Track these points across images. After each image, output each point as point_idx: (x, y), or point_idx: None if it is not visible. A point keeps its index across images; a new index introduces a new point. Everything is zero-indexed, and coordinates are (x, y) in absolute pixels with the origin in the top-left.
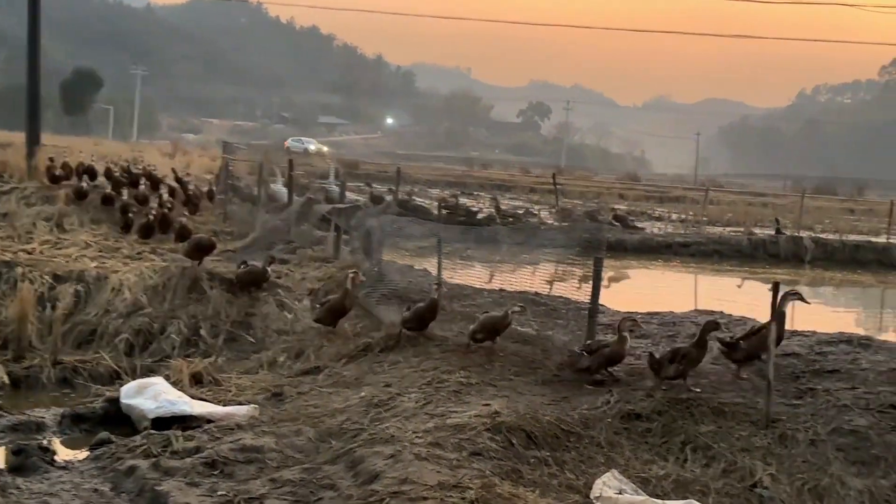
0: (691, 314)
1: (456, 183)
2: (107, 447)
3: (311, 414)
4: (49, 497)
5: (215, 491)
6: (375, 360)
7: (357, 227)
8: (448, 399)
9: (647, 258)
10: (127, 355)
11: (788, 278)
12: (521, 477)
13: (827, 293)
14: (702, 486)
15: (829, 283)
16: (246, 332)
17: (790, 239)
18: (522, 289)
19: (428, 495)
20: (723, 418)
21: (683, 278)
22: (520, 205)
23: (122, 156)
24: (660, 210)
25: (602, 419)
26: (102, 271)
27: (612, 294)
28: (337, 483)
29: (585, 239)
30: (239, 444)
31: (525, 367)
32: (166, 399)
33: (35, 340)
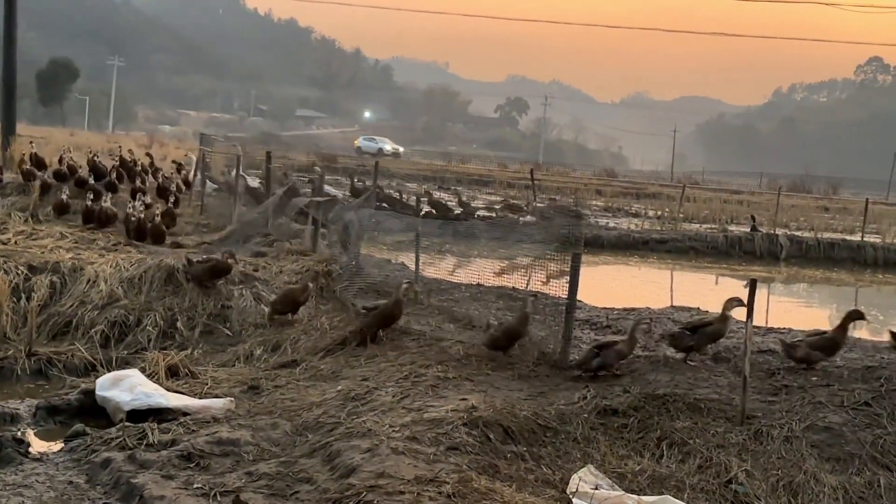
0: (668, 310)
1: (433, 178)
2: (82, 439)
3: (287, 407)
4: (23, 489)
5: (191, 484)
6: (352, 353)
7: (335, 220)
8: (425, 393)
9: (623, 254)
10: (102, 347)
11: (764, 275)
12: (497, 472)
13: (802, 290)
14: (677, 482)
15: (804, 280)
16: (223, 325)
17: (766, 236)
18: (500, 284)
19: (405, 489)
20: (699, 414)
21: (660, 275)
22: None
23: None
24: (636, 206)
25: (579, 414)
26: (78, 262)
27: (590, 290)
28: (314, 476)
29: (563, 234)
30: (215, 436)
31: (502, 362)
32: (142, 391)
33: (9, 331)
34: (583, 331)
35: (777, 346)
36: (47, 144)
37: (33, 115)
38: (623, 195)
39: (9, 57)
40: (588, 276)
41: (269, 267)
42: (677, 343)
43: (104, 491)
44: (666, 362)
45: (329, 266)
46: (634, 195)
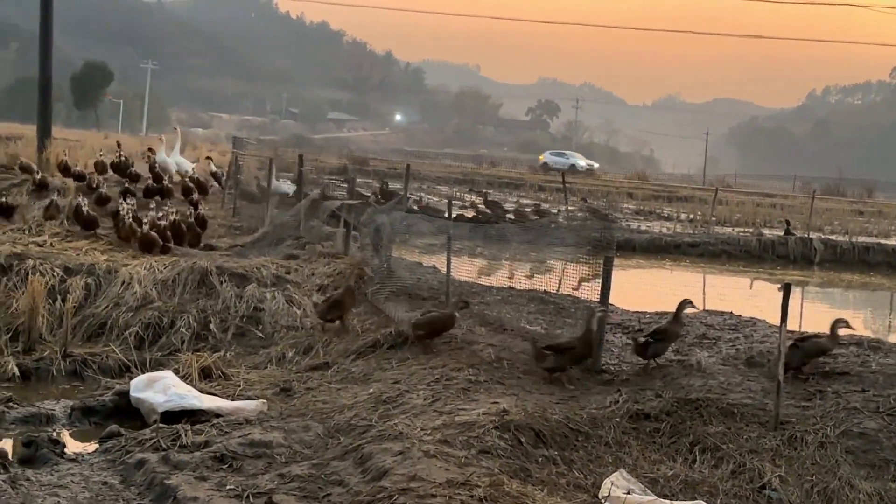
0: (701, 314)
1: (465, 181)
2: (116, 440)
3: (319, 409)
4: (59, 489)
5: (224, 485)
6: (384, 356)
7: (366, 223)
8: (456, 397)
9: (655, 258)
10: (136, 348)
11: (798, 280)
12: (529, 475)
13: (836, 295)
14: (710, 487)
15: (838, 284)
16: (255, 327)
17: (799, 240)
18: (531, 287)
19: (436, 493)
20: (732, 419)
21: (692, 278)
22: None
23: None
24: (668, 209)
25: (610, 419)
26: (112, 265)
27: (622, 293)
28: (345, 479)
29: (595, 238)
30: (247, 438)
31: (534, 366)
32: (175, 393)
33: (45, 333)
34: (615, 335)
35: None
36: (81, 148)
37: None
38: (655, 198)
39: (45, 60)
40: (620, 279)
41: (301, 269)
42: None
43: (138, 492)
44: (699, 367)
45: (361, 269)
46: (666, 198)
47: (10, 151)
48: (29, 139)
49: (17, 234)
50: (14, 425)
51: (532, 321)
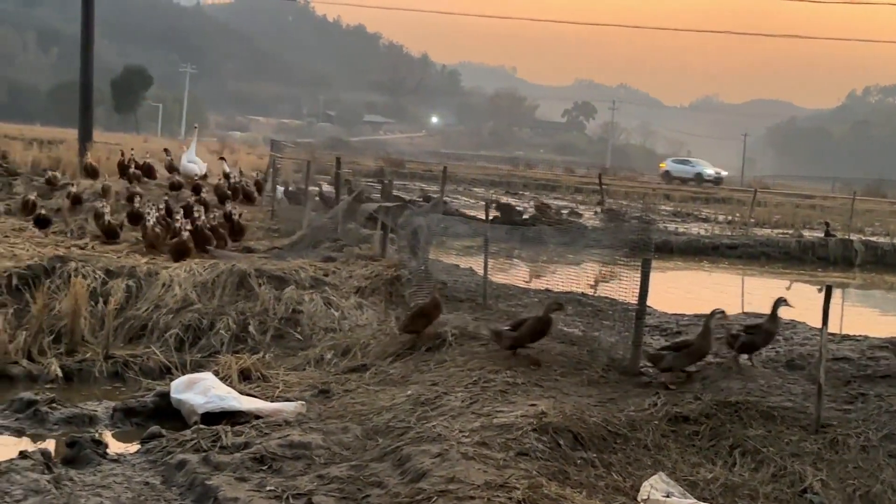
0: (740, 317)
1: (500, 182)
2: (157, 441)
3: (358, 411)
4: (101, 489)
5: (264, 486)
6: (422, 358)
7: (404, 225)
8: (494, 399)
9: (693, 260)
10: (177, 350)
11: (838, 281)
12: (567, 478)
13: (878, 297)
14: (750, 491)
15: (880, 286)
16: (293, 330)
17: (840, 242)
18: (568, 289)
19: (475, 494)
20: (772, 422)
21: (731, 280)
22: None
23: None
24: (706, 211)
25: (649, 421)
26: (153, 267)
27: (659, 295)
28: (384, 480)
29: (632, 240)
30: (287, 440)
31: (571, 368)
32: (215, 394)
33: (87, 335)
34: (652, 337)
35: (852, 354)
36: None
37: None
38: (692, 200)
39: (86, 65)
40: (658, 281)
41: (339, 272)
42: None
43: (179, 492)
44: (738, 369)
45: (398, 271)
46: (704, 200)
47: (52, 155)
48: (70, 143)
49: (59, 237)
50: (57, 426)
51: (569, 323)
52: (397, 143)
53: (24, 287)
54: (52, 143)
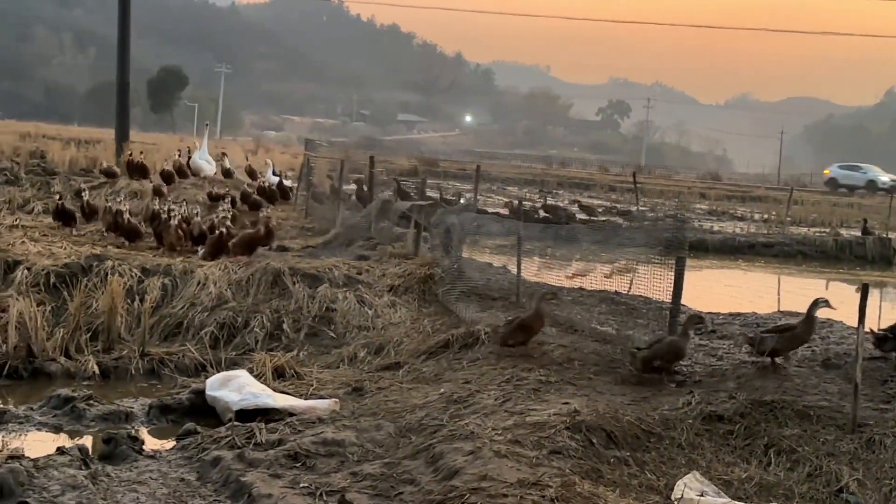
0: (775, 315)
1: (534, 181)
2: (193, 438)
3: (391, 409)
4: (137, 485)
5: (297, 483)
6: (455, 356)
7: (437, 223)
8: (527, 397)
9: (729, 258)
10: (212, 348)
11: (876, 280)
12: (601, 476)
13: None
14: (785, 490)
15: None
16: (327, 328)
17: (878, 240)
18: (602, 287)
19: (508, 492)
20: (808, 422)
21: (767, 279)
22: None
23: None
24: (742, 210)
25: (683, 420)
26: (188, 265)
27: (694, 294)
28: (417, 478)
29: (666, 238)
30: (320, 437)
31: (605, 366)
32: (250, 392)
33: (124, 332)
34: None
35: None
36: (157, 151)
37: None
38: (728, 198)
39: (123, 66)
40: (692, 280)
41: (372, 270)
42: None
43: (214, 488)
44: (774, 368)
45: (431, 269)
46: (740, 198)
47: (90, 155)
48: (107, 143)
49: (97, 235)
50: (94, 422)
51: (603, 322)
52: (431, 142)
53: (61, 285)
54: (89, 143)
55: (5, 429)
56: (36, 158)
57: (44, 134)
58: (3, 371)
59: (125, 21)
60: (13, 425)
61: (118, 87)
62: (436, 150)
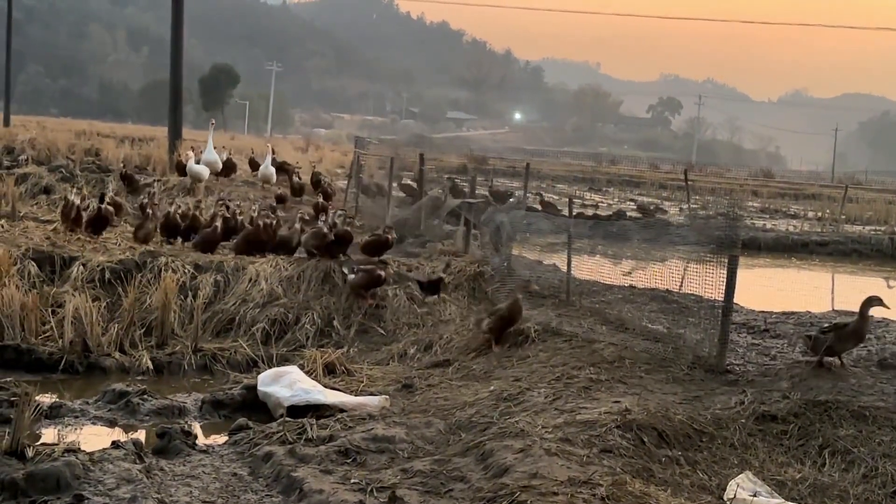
0: (829, 314)
1: (584, 179)
2: (245, 433)
3: (440, 406)
4: (191, 479)
5: (348, 479)
6: (504, 354)
7: (486, 221)
8: (578, 395)
9: (782, 257)
10: (263, 344)
11: None
12: (652, 475)
13: None
14: (840, 492)
15: None
16: (377, 325)
17: None
18: (653, 285)
19: (558, 490)
20: (863, 422)
21: (821, 278)
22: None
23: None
24: (795, 207)
25: (736, 420)
26: (240, 262)
27: (747, 293)
28: (467, 475)
29: (718, 236)
30: (371, 433)
31: (656, 365)
32: (301, 388)
33: (177, 328)
34: (739, 334)
35: None
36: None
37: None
38: (781, 196)
39: (176, 64)
40: (745, 278)
41: (422, 267)
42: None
43: (266, 483)
44: (829, 368)
45: (481, 267)
46: (793, 196)
47: (143, 153)
48: (160, 140)
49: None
50: (148, 417)
51: (654, 320)
52: (480, 139)
53: (116, 281)
54: (142, 141)
55: (61, 422)
56: (91, 156)
57: (98, 132)
58: (59, 366)
59: (178, 19)
60: (69, 419)
61: (171, 86)
62: (485, 147)
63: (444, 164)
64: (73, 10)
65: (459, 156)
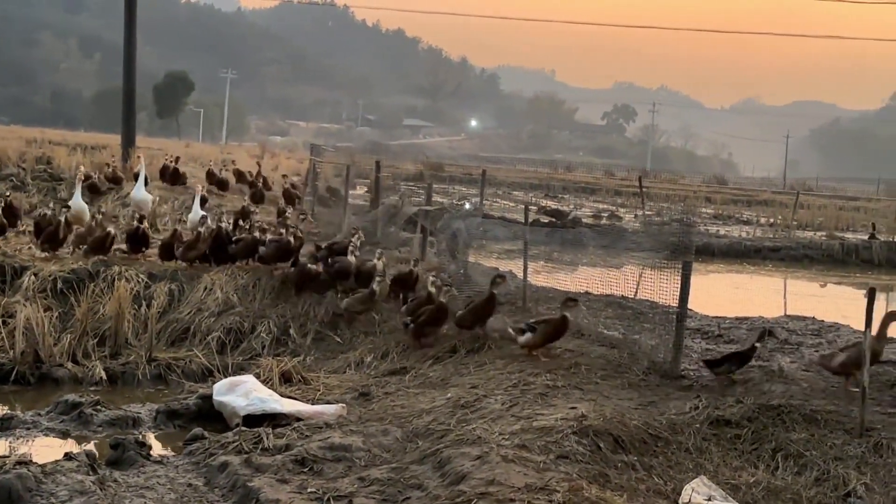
0: (782, 319)
1: (540, 186)
2: (200, 443)
3: (398, 414)
4: (145, 490)
5: (305, 488)
6: (461, 361)
7: (443, 228)
8: (534, 401)
9: (735, 262)
10: (219, 353)
11: (883, 284)
12: (608, 481)
13: None
14: (793, 495)
15: None
16: (333, 333)
17: (885, 244)
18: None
19: (515, 497)
20: (815, 426)
21: (773, 283)
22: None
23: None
24: (748, 214)
25: (690, 424)
26: (195, 270)
27: (701, 298)
28: (424, 483)
29: (673, 242)
30: (327, 442)
31: (612, 370)
32: (257, 397)
33: (131, 338)
34: (694, 340)
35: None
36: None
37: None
38: (734, 202)
39: (129, 71)
40: (699, 284)
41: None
42: None
43: (222, 493)
44: (781, 373)
45: (438, 274)
46: (746, 202)
47: (96, 160)
48: (113, 148)
49: None
50: (102, 428)
51: (609, 326)
52: (437, 146)
53: (68, 291)
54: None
55: (13, 434)
56: (42, 164)
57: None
58: (10, 377)
59: (131, 26)
60: (21, 431)
61: (124, 93)
62: (441, 154)
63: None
64: (23, 18)
65: (415, 163)
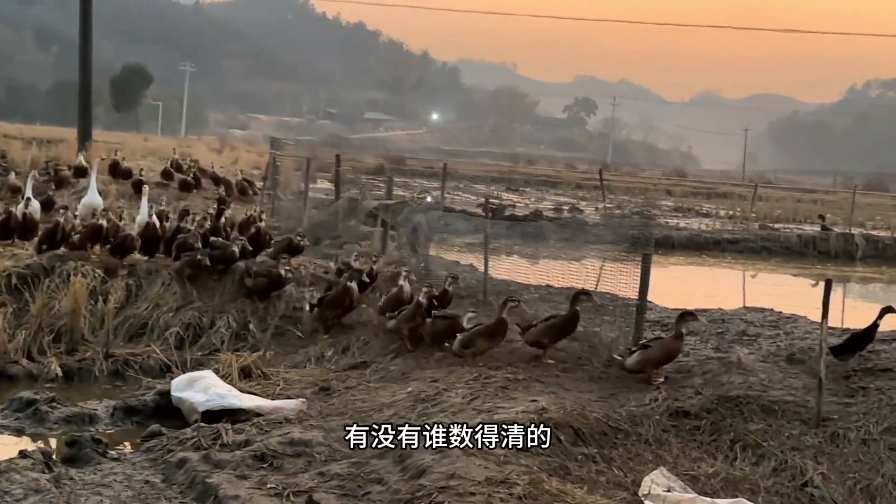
0: (740, 311)
1: (501, 179)
2: (158, 439)
3: (358, 408)
4: (102, 488)
5: (264, 483)
6: (422, 355)
7: (404, 222)
8: (495, 395)
9: (695, 255)
10: (177, 349)
11: (839, 275)
12: (568, 473)
13: (879, 291)
14: (751, 485)
15: (881, 280)
16: (294, 327)
17: (840, 236)
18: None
19: (476, 490)
20: (773, 417)
21: (732, 275)
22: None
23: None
24: (707, 206)
25: (650, 416)
26: (153, 265)
27: (660, 291)
28: (385, 477)
29: (633, 235)
30: (287, 437)
31: (572, 363)
32: (216, 392)
33: (87, 333)
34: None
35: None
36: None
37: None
38: (693, 195)
39: (84, 64)
40: (659, 277)
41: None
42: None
43: (180, 490)
44: (739, 364)
45: (398, 268)
46: (705, 195)
47: (52, 154)
48: (69, 142)
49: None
50: (57, 425)
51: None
52: (398, 140)
53: (23, 286)
54: (51, 143)
55: None
56: None
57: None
58: None
59: (87, 19)
60: None
61: (80, 86)
62: (403, 148)
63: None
64: None
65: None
